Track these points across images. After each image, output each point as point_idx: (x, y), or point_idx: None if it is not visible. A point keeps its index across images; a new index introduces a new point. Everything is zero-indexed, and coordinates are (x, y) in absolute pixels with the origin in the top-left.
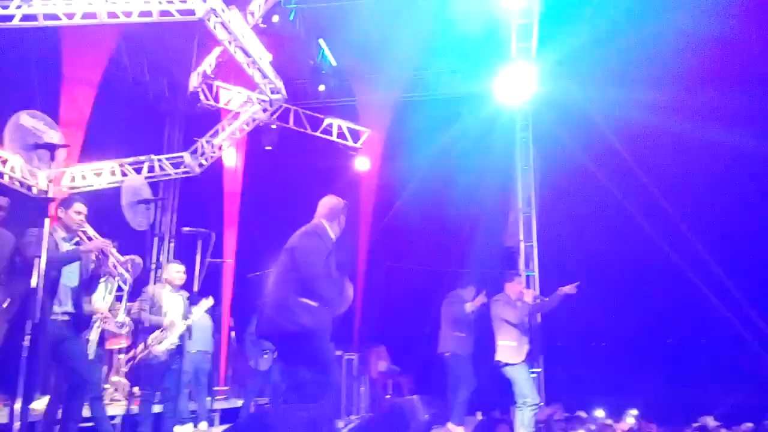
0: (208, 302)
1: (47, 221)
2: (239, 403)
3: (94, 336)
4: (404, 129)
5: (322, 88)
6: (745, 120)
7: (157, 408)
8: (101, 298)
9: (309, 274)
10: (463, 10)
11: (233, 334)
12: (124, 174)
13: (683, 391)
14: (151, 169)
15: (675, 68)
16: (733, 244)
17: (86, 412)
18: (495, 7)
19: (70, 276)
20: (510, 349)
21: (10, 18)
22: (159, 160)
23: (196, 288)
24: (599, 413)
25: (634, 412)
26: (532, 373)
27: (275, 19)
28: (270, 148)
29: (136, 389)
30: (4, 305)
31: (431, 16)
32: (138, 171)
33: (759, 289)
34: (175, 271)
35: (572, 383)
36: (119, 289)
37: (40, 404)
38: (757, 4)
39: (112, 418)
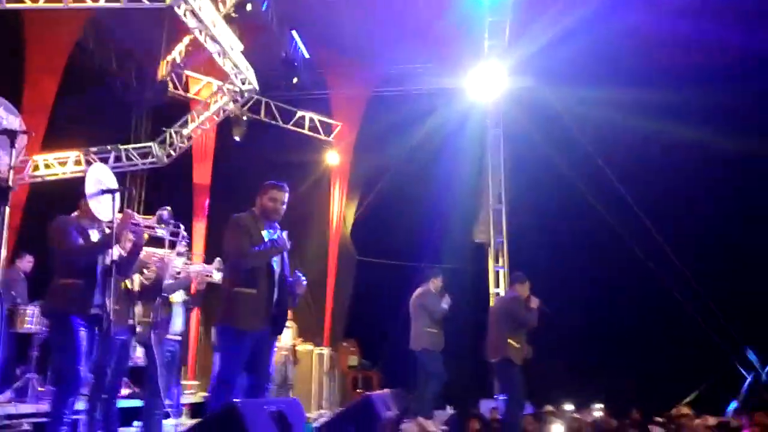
0: None
1: (7, 210)
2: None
3: None
4: (376, 123)
5: (295, 80)
6: (709, 116)
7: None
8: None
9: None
10: (436, 6)
11: (202, 328)
12: (89, 163)
13: (648, 384)
14: (117, 159)
15: (640, 66)
16: (698, 239)
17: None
18: (468, 3)
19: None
20: (517, 351)
21: None
22: (126, 150)
23: None
24: (567, 407)
25: (599, 405)
26: None
27: (248, 8)
28: (240, 139)
29: None
30: None
31: (405, 10)
32: (104, 161)
33: (720, 285)
34: None
35: (539, 379)
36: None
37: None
38: (716, 2)
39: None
